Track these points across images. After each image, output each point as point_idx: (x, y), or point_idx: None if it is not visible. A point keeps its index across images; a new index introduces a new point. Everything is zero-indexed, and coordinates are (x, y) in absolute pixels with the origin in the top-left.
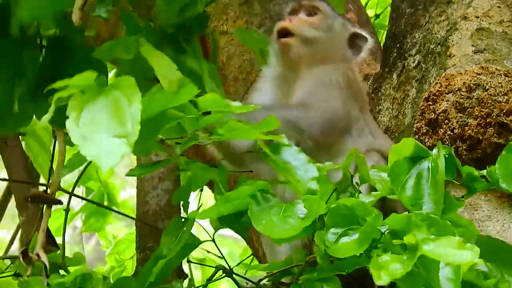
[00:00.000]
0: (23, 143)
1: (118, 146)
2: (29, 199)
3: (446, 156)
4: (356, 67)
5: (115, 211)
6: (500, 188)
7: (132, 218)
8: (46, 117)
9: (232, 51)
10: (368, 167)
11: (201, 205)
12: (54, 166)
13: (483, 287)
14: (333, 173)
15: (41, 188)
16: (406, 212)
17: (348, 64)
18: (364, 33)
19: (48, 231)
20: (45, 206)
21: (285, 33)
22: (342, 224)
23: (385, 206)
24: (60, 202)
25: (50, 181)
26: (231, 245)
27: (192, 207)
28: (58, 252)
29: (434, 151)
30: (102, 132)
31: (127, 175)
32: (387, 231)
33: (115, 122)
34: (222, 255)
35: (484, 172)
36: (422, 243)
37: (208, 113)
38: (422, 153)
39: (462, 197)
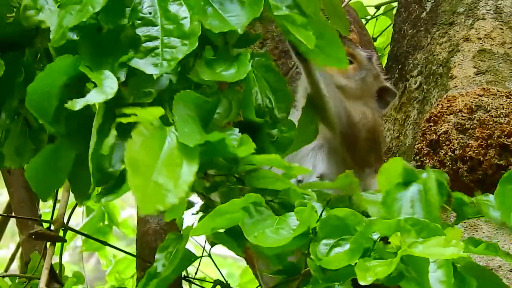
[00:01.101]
0: None
1: (165, 196)
2: (33, 236)
3: (437, 179)
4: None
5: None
6: (490, 216)
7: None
8: (106, 146)
9: None
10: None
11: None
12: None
13: None
14: None
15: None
16: None
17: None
18: (393, 89)
19: (51, 268)
20: (48, 243)
21: None
22: (334, 235)
23: None
24: (64, 240)
25: (54, 218)
26: (230, 266)
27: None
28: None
29: (424, 174)
30: (155, 173)
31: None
32: (380, 238)
33: (168, 172)
34: (219, 271)
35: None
36: (410, 247)
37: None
38: (412, 177)
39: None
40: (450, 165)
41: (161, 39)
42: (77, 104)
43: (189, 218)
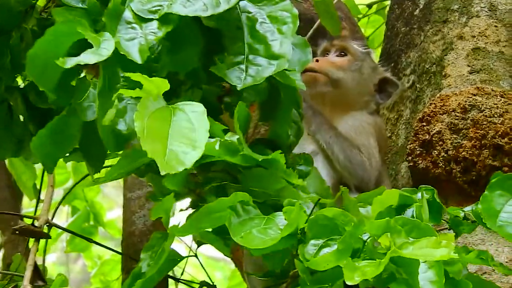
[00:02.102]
0: (6, 161)
1: (186, 152)
2: (17, 232)
3: (430, 199)
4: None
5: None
6: (484, 226)
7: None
8: (109, 116)
9: None
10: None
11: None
12: (43, 192)
13: None
14: None
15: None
16: None
17: (377, 112)
18: (395, 79)
19: (35, 266)
20: (32, 240)
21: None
22: (322, 235)
23: None
24: (48, 236)
25: (38, 214)
26: (223, 269)
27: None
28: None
29: (418, 195)
30: (170, 138)
31: (96, 183)
32: (369, 238)
33: (183, 136)
34: (205, 271)
35: (469, 209)
36: (401, 248)
37: None
38: (406, 201)
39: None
40: (443, 166)
41: (246, 56)
42: (68, 62)
43: (176, 218)
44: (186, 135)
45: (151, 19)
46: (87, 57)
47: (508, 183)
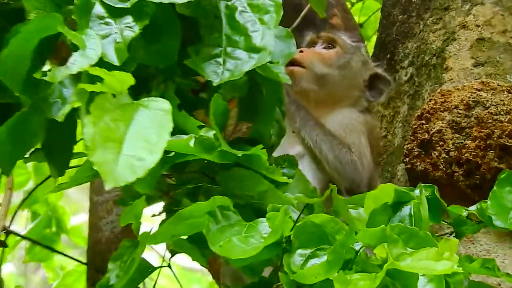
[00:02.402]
0: None
1: (142, 159)
2: None
3: (430, 196)
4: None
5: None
6: (493, 227)
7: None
8: (63, 111)
9: None
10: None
11: None
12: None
13: None
14: None
15: None
16: None
17: (368, 111)
18: (386, 75)
19: None
20: None
21: (296, 65)
22: (310, 244)
23: None
24: (5, 245)
25: None
26: (200, 281)
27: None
28: None
29: (416, 192)
30: (127, 141)
31: (59, 189)
32: (362, 248)
33: (142, 139)
34: (179, 283)
35: (474, 208)
36: (398, 259)
37: None
38: (403, 198)
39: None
40: (444, 169)
41: (223, 48)
42: (58, 75)
43: (148, 224)
44: (145, 137)
45: (125, 11)
46: (78, 63)
47: None
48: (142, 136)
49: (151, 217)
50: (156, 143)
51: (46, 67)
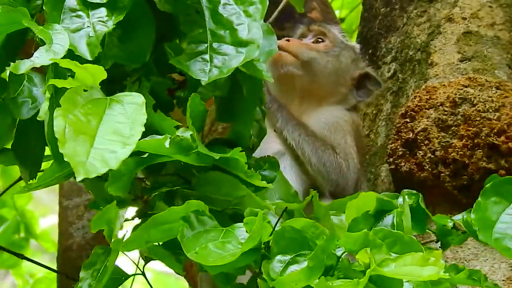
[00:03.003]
0: None
1: (114, 151)
2: None
3: (414, 205)
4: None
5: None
6: (477, 239)
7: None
8: (42, 110)
9: None
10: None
11: None
12: None
13: None
14: None
15: None
16: None
17: (355, 109)
18: (377, 77)
19: None
20: None
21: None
22: (290, 250)
23: None
24: None
25: None
26: (175, 286)
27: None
28: None
29: (400, 200)
30: (99, 135)
31: (27, 189)
32: (344, 254)
33: (114, 132)
34: None
35: (459, 218)
36: (381, 265)
37: None
38: (386, 207)
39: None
40: (430, 169)
41: (209, 44)
42: (22, 67)
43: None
44: (118, 130)
45: (98, 4)
46: (42, 58)
47: (505, 188)
48: (114, 130)
49: (124, 222)
50: (129, 136)
51: None
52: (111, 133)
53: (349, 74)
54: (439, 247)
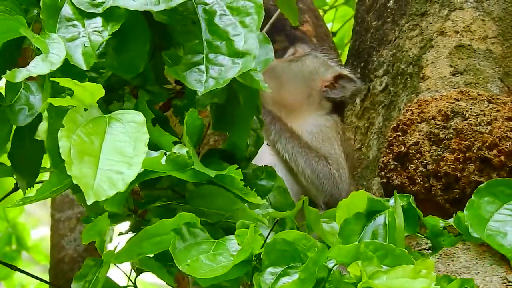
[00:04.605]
0: None
1: (120, 172)
2: None
3: (406, 206)
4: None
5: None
6: (470, 238)
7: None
8: (41, 129)
9: None
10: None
11: None
12: None
13: None
14: None
15: None
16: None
17: (336, 111)
18: (350, 74)
19: None
20: None
21: None
22: (281, 262)
23: None
24: None
25: None
26: None
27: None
28: None
29: (391, 202)
30: (102, 155)
31: (23, 203)
32: (336, 266)
33: (118, 152)
34: None
35: (451, 221)
36: (372, 278)
37: None
38: (377, 207)
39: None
40: (422, 183)
41: (205, 55)
42: (18, 75)
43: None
44: (121, 150)
45: (94, 14)
46: (38, 67)
47: (498, 189)
48: (117, 150)
49: (118, 236)
50: (133, 156)
51: None
52: (114, 152)
53: (319, 77)
54: (431, 249)
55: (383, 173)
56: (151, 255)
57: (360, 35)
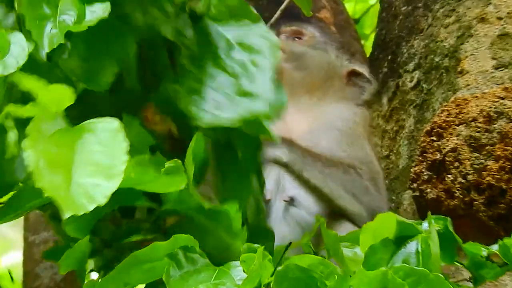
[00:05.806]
0: None
1: (98, 184)
2: None
3: (442, 231)
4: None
5: None
6: None
7: None
8: (11, 138)
9: None
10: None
11: None
12: None
13: None
14: None
15: None
16: None
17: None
18: (365, 72)
19: None
20: None
21: None
22: None
23: None
24: None
25: None
26: None
27: None
28: None
29: (425, 225)
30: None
31: None
32: None
33: (93, 164)
34: None
35: (496, 248)
36: None
37: None
38: (408, 231)
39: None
40: (461, 196)
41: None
42: None
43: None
44: (97, 161)
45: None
46: None
47: None
48: (91, 162)
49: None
50: (111, 167)
51: None
52: (88, 165)
53: (340, 69)
54: (471, 280)
55: (415, 185)
56: (142, 285)
57: (387, 23)
